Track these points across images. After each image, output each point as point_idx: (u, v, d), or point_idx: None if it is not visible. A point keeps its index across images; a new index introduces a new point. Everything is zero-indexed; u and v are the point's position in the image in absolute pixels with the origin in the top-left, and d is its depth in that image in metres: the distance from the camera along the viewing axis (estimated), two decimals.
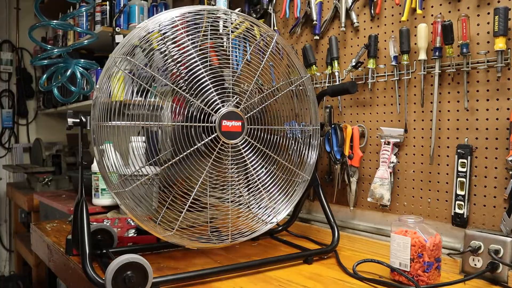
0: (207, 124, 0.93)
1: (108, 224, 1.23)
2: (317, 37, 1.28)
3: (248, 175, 0.99)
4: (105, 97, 0.88)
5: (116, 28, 1.84)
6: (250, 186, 1.01)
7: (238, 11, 1.46)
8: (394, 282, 0.88)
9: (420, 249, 0.86)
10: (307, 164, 1.08)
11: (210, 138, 0.93)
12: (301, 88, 1.08)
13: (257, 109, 1.00)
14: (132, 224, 1.25)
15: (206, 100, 0.93)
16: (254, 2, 1.47)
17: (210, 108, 0.93)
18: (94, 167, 1.63)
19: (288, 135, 1.06)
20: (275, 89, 1.03)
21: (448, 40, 0.96)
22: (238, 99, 0.97)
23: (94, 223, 1.12)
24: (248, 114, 0.98)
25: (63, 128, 2.63)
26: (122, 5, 1.85)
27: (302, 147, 1.07)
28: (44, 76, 1.48)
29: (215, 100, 0.94)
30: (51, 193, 1.96)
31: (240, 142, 0.97)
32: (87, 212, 0.89)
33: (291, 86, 1.05)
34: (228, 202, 0.98)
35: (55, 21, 1.40)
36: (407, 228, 0.90)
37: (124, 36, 1.86)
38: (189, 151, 0.91)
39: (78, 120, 0.88)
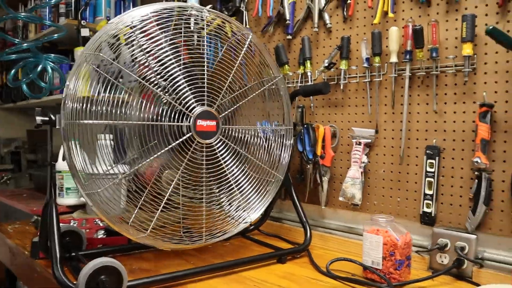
0: (182, 124, 0.91)
1: (75, 225, 1.19)
2: (289, 37, 1.29)
3: (222, 175, 0.98)
4: (74, 94, 0.85)
5: (82, 22, 1.77)
6: (223, 186, 1.00)
7: (210, 7, 1.45)
8: (367, 280, 0.90)
9: (392, 248, 0.88)
10: (280, 164, 1.08)
11: (184, 137, 0.91)
12: (273, 87, 1.08)
13: (232, 108, 0.99)
14: (101, 224, 1.21)
15: (179, 97, 0.92)
16: (226, 0, 1.46)
17: (184, 106, 0.91)
18: (59, 165, 1.56)
19: (261, 135, 1.06)
20: (248, 88, 1.03)
21: (419, 44, 0.99)
22: (211, 98, 0.96)
23: (62, 224, 1.07)
24: (223, 114, 0.97)
25: (23, 124, 2.52)
26: None
27: (275, 146, 1.07)
28: (13, 71, 1.41)
29: (190, 99, 0.92)
30: (10, 192, 1.87)
31: (214, 142, 0.95)
32: (56, 213, 0.86)
33: (264, 86, 1.05)
34: (201, 202, 0.97)
35: (23, 13, 1.33)
36: (379, 227, 0.92)
37: (90, 30, 1.80)
38: (163, 151, 0.89)
39: (47, 119, 0.84)
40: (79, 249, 1.01)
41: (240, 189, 1.01)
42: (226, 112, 0.98)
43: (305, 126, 1.17)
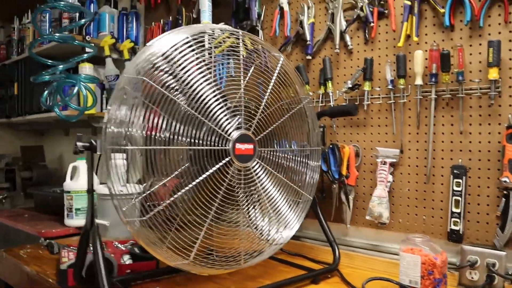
0: (222, 147, 0.91)
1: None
2: (309, 57, 1.31)
3: (259, 197, 0.98)
4: (116, 118, 0.83)
5: (87, 37, 1.74)
6: (258, 207, 1.00)
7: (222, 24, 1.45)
8: None
9: (430, 267, 0.91)
10: (308, 184, 1.09)
11: (224, 161, 0.91)
12: (301, 108, 1.09)
13: (267, 131, 1.00)
14: (123, 248, 1.18)
15: (217, 122, 0.92)
16: (240, 18, 1.47)
17: (223, 130, 0.92)
18: (67, 185, 1.53)
19: (291, 156, 1.07)
20: (281, 110, 1.04)
21: (446, 68, 1.02)
22: (247, 121, 0.96)
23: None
24: (259, 137, 0.98)
25: (13, 140, 2.44)
26: (93, 13, 1.75)
27: (303, 167, 1.09)
28: (45, 92, 1.37)
29: (229, 122, 0.92)
30: (9, 213, 1.80)
31: (252, 165, 0.96)
32: (100, 242, 0.83)
33: (294, 107, 1.06)
34: (237, 225, 0.97)
35: (57, 35, 1.31)
36: (414, 246, 0.94)
37: (94, 45, 1.78)
38: (204, 175, 0.89)
39: (88, 144, 0.83)
40: (110, 276, 0.99)
41: (275, 209, 1.01)
42: (262, 135, 0.98)
43: (331, 146, 1.19)
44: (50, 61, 1.34)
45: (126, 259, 1.11)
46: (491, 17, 1.00)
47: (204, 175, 0.88)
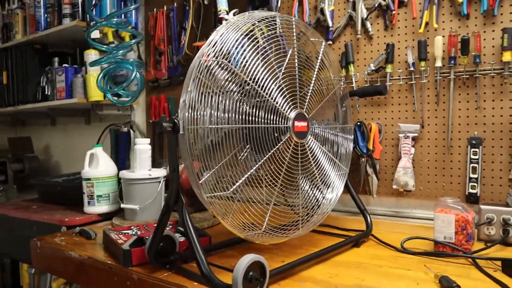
0: (284, 125, 0.99)
1: (138, 232, 1.19)
2: (330, 42, 1.41)
3: (312, 169, 1.07)
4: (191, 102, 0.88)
5: (91, 23, 1.71)
6: (313, 177, 1.09)
7: (235, 12, 1.51)
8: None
9: (464, 223, 1.05)
10: (346, 158, 1.20)
11: (286, 138, 0.99)
12: (337, 89, 1.19)
13: (315, 109, 1.09)
14: (167, 228, 1.22)
15: (277, 102, 0.99)
16: (257, 5, 1.53)
17: (284, 109, 0.99)
18: (87, 173, 1.52)
19: (331, 132, 1.17)
20: (325, 90, 1.13)
21: (465, 51, 1.17)
22: (301, 101, 1.04)
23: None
24: (310, 115, 1.07)
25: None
26: None
27: (344, 143, 1.19)
28: (100, 75, 1.34)
29: (288, 102, 1.00)
30: (13, 205, 1.74)
31: (306, 141, 1.04)
32: (190, 217, 0.88)
33: (334, 88, 1.16)
34: (295, 194, 1.05)
35: (115, 19, 1.29)
36: (446, 208, 1.08)
37: (99, 32, 1.75)
38: (273, 150, 0.96)
39: (172, 125, 0.86)
40: (172, 253, 1.03)
41: (325, 178, 1.11)
42: (312, 113, 1.07)
43: (358, 123, 1.31)
44: (104, 46, 1.33)
45: (180, 238, 1.16)
46: (503, 6, 1.15)
47: (273, 150, 0.96)
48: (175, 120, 0.87)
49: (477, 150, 1.19)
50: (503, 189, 1.17)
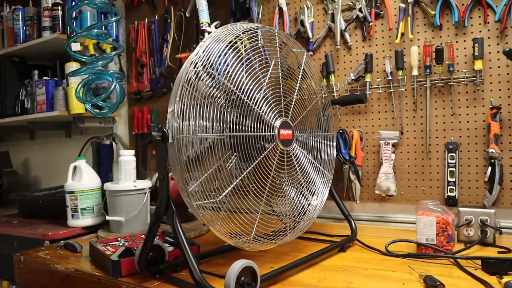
0: (270, 133, 1.01)
1: (126, 244, 1.19)
2: (310, 53, 1.45)
3: (298, 175, 1.09)
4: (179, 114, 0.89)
5: (72, 35, 1.70)
6: (298, 185, 1.12)
7: (217, 24, 1.54)
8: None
9: (444, 225, 1.09)
10: (329, 165, 1.23)
11: (272, 145, 1.01)
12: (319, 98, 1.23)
13: (299, 118, 1.12)
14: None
15: (263, 111, 1.01)
16: (238, 17, 1.57)
17: (269, 118, 1.02)
18: (70, 186, 1.50)
19: (315, 140, 1.20)
20: (307, 99, 1.16)
21: (440, 60, 1.22)
22: (285, 109, 1.07)
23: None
24: (295, 123, 1.09)
25: None
26: (77, 11, 1.72)
27: (328, 150, 1.22)
28: (79, 85, 1.33)
29: (273, 111, 1.03)
30: None
31: (292, 148, 1.07)
32: (181, 225, 0.89)
33: (316, 97, 1.19)
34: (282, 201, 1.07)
35: (95, 31, 1.29)
36: (427, 211, 1.12)
37: (80, 44, 1.75)
38: (260, 158, 0.98)
39: (161, 134, 0.87)
40: (162, 262, 1.03)
41: (312, 186, 1.13)
42: (296, 122, 1.10)
43: (340, 131, 1.34)
44: (84, 57, 1.33)
45: (167, 247, 1.16)
46: (473, 18, 1.22)
47: (260, 157, 0.98)
48: (164, 130, 0.88)
49: (454, 154, 1.24)
50: (480, 191, 1.22)
